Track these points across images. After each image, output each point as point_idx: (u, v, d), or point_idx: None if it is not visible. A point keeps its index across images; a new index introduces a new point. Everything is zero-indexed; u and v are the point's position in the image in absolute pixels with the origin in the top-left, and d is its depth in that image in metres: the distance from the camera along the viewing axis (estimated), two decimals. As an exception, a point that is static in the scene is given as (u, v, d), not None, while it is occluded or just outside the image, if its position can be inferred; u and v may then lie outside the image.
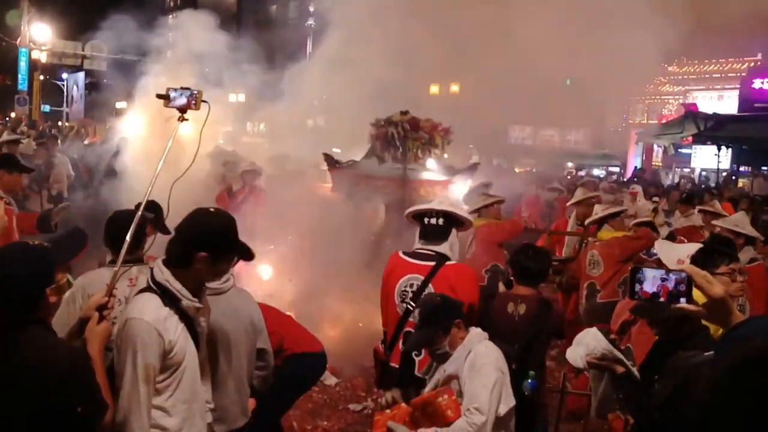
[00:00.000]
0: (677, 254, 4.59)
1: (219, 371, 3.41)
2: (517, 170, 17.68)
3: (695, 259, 3.95)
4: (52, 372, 2.33)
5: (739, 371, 1.02)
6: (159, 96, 3.28)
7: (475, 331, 3.64)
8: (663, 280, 2.03)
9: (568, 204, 8.86)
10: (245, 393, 3.61)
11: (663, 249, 5.01)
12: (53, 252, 2.62)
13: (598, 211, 7.15)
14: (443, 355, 3.60)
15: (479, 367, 3.42)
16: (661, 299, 2.03)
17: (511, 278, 4.52)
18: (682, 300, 2.01)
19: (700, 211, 8.69)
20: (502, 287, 4.51)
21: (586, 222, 7.48)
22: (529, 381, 3.97)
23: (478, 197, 7.75)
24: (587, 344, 2.87)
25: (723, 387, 0.98)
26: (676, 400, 2.37)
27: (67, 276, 3.57)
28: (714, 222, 6.90)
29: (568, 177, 18.72)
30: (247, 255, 2.94)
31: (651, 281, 2.03)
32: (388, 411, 3.65)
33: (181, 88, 3.27)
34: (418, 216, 4.53)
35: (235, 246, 2.86)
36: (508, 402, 3.45)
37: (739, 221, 6.26)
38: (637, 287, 2.05)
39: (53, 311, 3.06)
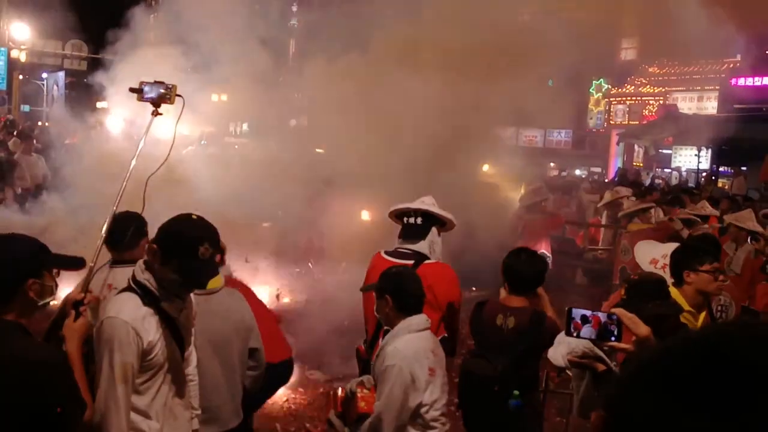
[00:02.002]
0: (652, 254, 4.64)
1: (211, 372, 3.40)
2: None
3: (678, 259, 3.98)
4: (30, 373, 2.29)
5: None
6: (132, 90, 3.23)
7: (406, 323, 3.53)
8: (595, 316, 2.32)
9: (599, 205, 10.72)
10: (238, 393, 3.59)
11: (640, 249, 5.06)
12: (43, 249, 2.56)
13: (631, 206, 8.66)
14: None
15: (385, 367, 3.43)
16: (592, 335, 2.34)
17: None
18: (613, 338, 2.29)
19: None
20: (503, 293, 4.15)
21: (619, 215, 9.09)
22: (513, 401, 3.81)
23: (530, 196, 9.63)
24: (568, 343, 2.86)
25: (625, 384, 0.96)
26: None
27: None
28: (726, 217, 7.90)
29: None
30: (197, 280, 2.77)
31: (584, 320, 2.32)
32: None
33: (155, 81, 3.22)
34: (399, 215, 4.54)
35: (184, 257, 2.68)
36: (418, 397, 3.43)
37: (742, 217, 7.10)
38: (573, 324, 2.33)
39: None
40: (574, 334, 2.33)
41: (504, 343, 3.94)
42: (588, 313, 2.29)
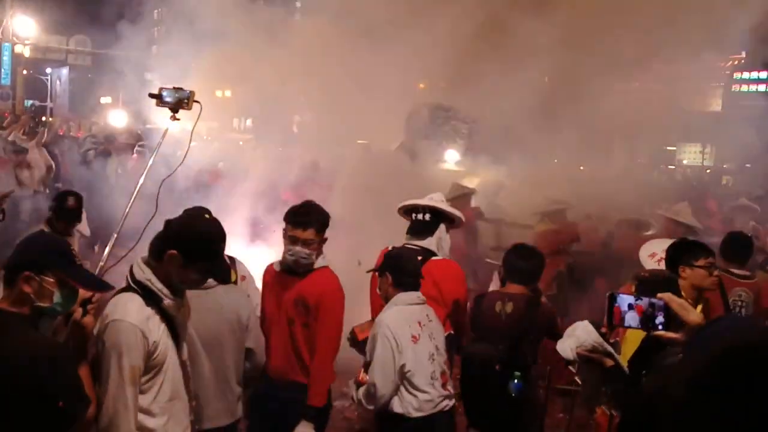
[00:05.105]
0: (652, 248, 4.65)
1: (200, 368, 3.34)
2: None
3: (673, 254, 3.99)
4: (33, 366, 2.29)
5: (718, 367, 1.02)
6: (151, 95, 3.26)
7: (397, 298, 3.80)
8: (638, 302, 2.10)
9: None
10: (231, 392, 3.51)
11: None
12: (61, 253, 2.52)
13: None
14: None
15: (372, 336, 3.74)
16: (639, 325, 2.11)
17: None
18: (660, 327, 2.07)
19: None
20: (498, 284, 4.32)
21: None
22: (515, 382, 3.93)
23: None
24: (578, 336, 2.86)
25: (700, 384, 0.98)
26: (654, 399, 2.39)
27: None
28: (660, 211, 7.29)
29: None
30: (220, 276, 2.86)
31: (630, 308, 2.10)
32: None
33: (174, 87, 3.25)
34: (408, 211, 4.55)
35: (209, 258, 2.74)
36: (401, 359, 3.67)
37: (680, 211, 6.73)
38: (615, 311, 2.11)
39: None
40: (618, 323, 2.13)
41: (503, 328, 4.11)
42: (631, 299, 2.10)
